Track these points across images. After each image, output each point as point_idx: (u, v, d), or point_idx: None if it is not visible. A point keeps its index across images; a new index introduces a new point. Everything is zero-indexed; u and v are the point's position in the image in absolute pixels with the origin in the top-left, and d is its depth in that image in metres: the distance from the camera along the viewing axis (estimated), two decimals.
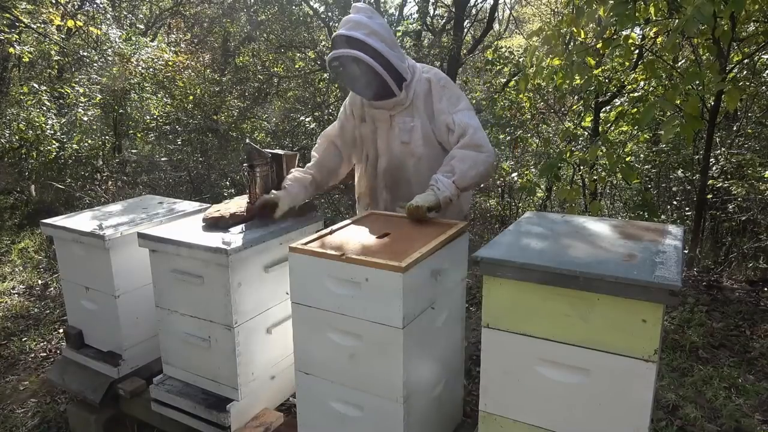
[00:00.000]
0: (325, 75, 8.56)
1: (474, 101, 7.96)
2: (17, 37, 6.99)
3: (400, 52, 2.43)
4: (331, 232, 2.16)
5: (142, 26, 10.75)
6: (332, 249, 1.94)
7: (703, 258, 5.35)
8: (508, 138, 6.81)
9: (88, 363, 2.92)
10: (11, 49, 6.75)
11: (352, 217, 2.37)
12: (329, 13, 8.12)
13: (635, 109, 4.94)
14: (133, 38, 8.23)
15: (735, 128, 6.36)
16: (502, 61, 7.64)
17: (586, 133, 6.57)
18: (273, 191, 2.54)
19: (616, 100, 6.19)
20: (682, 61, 5.36)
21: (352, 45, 2.32)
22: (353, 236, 2.10)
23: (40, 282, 5.22)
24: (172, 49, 8.67)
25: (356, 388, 1.96)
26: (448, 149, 2.49)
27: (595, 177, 5.47)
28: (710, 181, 5.50)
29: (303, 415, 2.14)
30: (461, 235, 2.16)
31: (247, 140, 2.46)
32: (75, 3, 8.91)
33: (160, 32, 11.54)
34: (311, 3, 8.35)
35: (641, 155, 6.89)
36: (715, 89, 4.07)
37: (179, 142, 8.13)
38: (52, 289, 5.09)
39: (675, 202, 6.77)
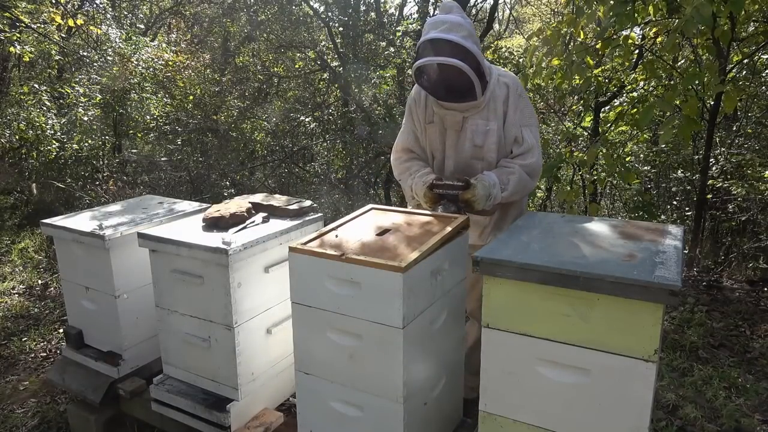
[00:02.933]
0: (325, 75, 8.56)
1: None
2: (18, 36, 6.98)
3: (482, 53, 2.37)
4: (330, 230, 2.15)
5: (142, 26, 10.75)
6: (332, 248, 1.94)
7: (703, 258, 5.35)
8: None
9: (88, 363, 2.92)
10: (12, 49, 6.75)
11: (352, 214, 2.37)
12: (329, 13, 8.12)
13: (635, 110, 4.94)
14: (133, 38, 8.23)
15: (735, 128, 6.36)
16: (501, 61, 7.64)
17: (586, 134, 6.57)
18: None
19: (616, 100, 6.19)
20: (682, 61, 5.36)
21: (448, 48, 2.22)
22: (353, 234, 2.10)
23: (40, 282, 5.22)
24: (172, 49, 8.67)
25: (356, 388, 1.96)
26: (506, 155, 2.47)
27: (594, 178, 5.47)
28: (710, 181, 5.50)
29: (303, 415, 2.14)
30: (461, 233, 2.16)
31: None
32: (75, 3, 8.92)
33: (160, 32, 11.54)
34: (311, 3, 8.35)
35: (641, 155, 6.89)
36: (714, 92, 4.07)
37: (179, 142, 8.14)
38: (52, 289, 5.09)
39: (675, 202, 6.77)
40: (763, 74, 5.69)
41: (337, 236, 2.09)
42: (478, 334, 2.49)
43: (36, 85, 8.23)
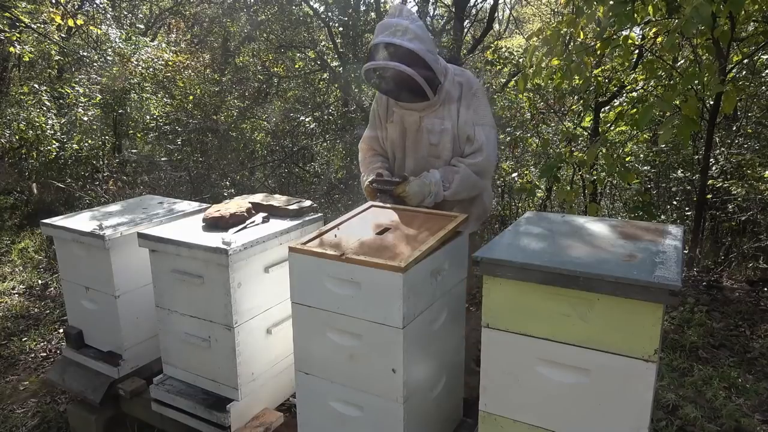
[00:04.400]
0: (325, 75, 8.56)
1: None
2: (18, 36, 6.98)
3: (436, 54, 2.41)
4: (330, 229, 2.15)
5: (142, 26, 10.76)
6: (332, 248, 1.94)
7: (703, 258, 5.35)
8: (508, 138, 6.81)
9: (88, 363, 2.92)
10: (12, 49, 6.76)
11: (352, 211, 2.36)
12: (329, 13, 8.12)
13: (634, 110, 4.94)
14: (133, 38, 8.23)
15: (735, 128, 6.35)
16: (501, 62, 7.63)
17: (586, 134, 6.57)
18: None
19: (616, 100, 6.18)
20: (682, 61, 5.35)
21: (393, 51, 2.29)
22: (353, 233, 2.10)
23: (40, 282, 5.22)
24: (172, 49, 8.67)
25: (356, 388, 1.96)
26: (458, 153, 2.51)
27: (594, 178, 5.46)
28: (710, 181, 5.49)
29: (303, 415, 2.14)
30: (461, 233, 2.16)
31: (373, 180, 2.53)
32: (75, 3, 8.92)
33: (160, 32, 11.54)
34: (311, 3, 8.35)
35: (641, 155, 6.89)
36: (714, 92, 4.06)
37: (179, 142, 8.13)
38: (52, 289, 5.09)
39: (675, 202, 6.76)
40: (763, 74, 5.68)
41: (336, 235, 2.09)
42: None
43: (36, 85, 8.23)
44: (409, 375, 1.87)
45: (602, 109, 6.43)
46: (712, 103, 4.95)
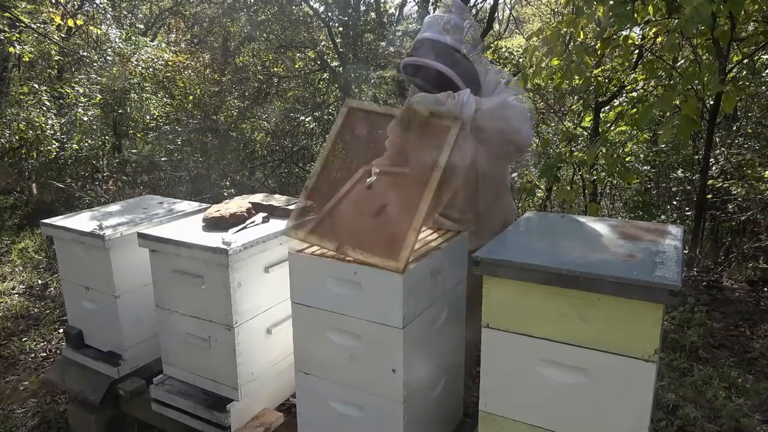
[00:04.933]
0: (325, 75, 8.57)
1: None
2: (18, 36, 6.98)
3: (465, 65, 2.30)
4: (326, 216, 2.04)
5: (141, 26, 10.76)
6: (330, 241, 1.92)
7: (703, 258, 5.35)
8: None
9: (88, 363, 2.92)
10: (12, 49, 6.76)
11: (347, 183, 2.15)
12: (329, 13, 8.13)
13: (635, 110, 4.94)
14: (133, 38, 8.24)
15: (735, 128, 6.35)
16: (501, 62, 7.63)
17: (586, 134, 6.57)
18: None
19: (616, 100, 6.18)
20: (682, 61, 5.36)
21: (438, 50, 2.26)
22: (350, 218, 2.01)
23: (40, 282, 5.22)
24: (172, 49, 8.67)
25: (356, 388, 1.96)
26: (510, 162, 2.38)
27: (594, 178, 5.46)
28: (710, 181, 5.49)
29: (303, 415, 2.14)
30: (460, 233, 2.16)
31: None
32: (75, 3, 8.92)
33: (160, 32, 11.55)
34: (311, 3, 8.35)
35: (641, 155, 6.89)
36: (714, 92, 4.06)
37: (179, 142, 8.13)
38: (52, 289, 5.09)
39: (675, 202, 6.77)
40: (763, 74, 5.68)
41: (332, 225, 2.02)
42: None
43: (36, 85, 8.23)
44: (409, 375, 1.87)
45: (602, 109, 6.43)
46: (712, 103, 4.95)
